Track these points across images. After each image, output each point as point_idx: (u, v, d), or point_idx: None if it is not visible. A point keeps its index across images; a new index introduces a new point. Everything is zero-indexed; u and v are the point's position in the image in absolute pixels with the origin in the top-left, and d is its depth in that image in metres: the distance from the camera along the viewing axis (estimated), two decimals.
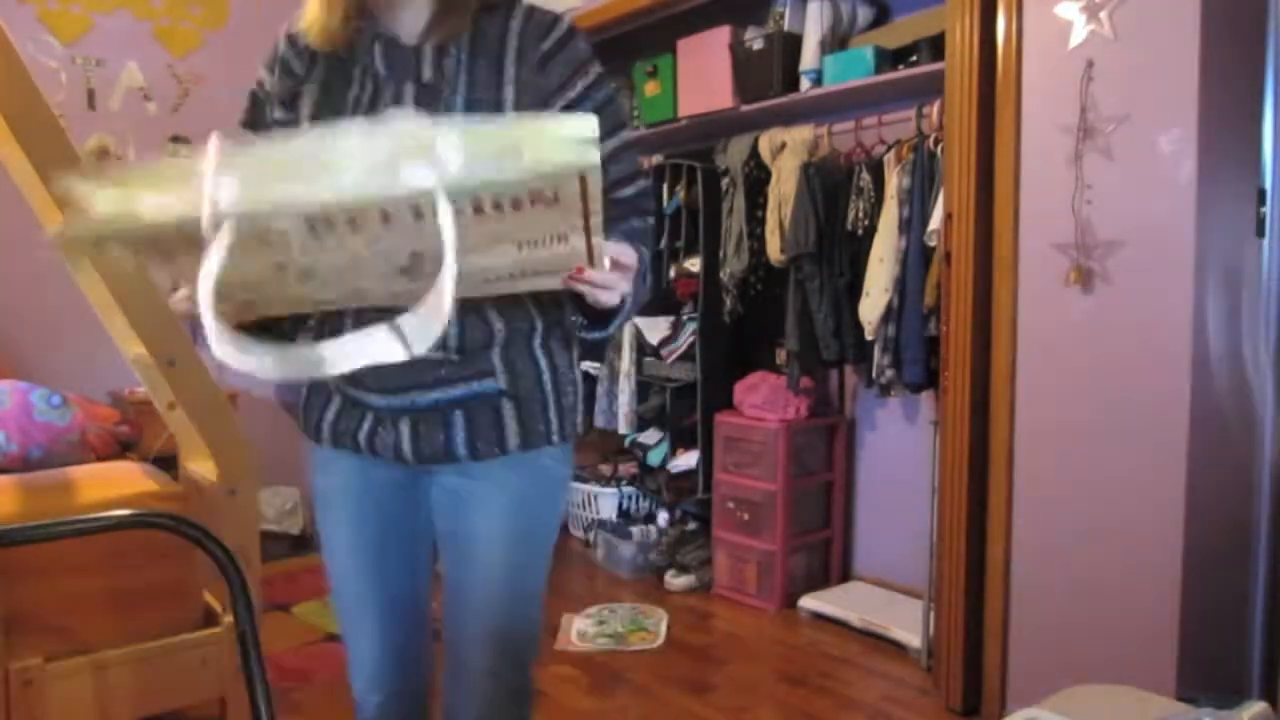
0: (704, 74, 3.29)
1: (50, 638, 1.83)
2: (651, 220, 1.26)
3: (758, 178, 3.15)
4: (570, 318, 1.18)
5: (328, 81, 1.20)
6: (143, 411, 2.96)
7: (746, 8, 3.30)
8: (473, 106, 1.14)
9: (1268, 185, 2.07)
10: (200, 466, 2.11)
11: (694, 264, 3.33)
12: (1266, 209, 2.07)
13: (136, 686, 1.90)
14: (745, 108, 3.19)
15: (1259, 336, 2.09)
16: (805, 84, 3.02)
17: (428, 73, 1.16)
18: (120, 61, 3.61)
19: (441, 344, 1.12)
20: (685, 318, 3.43)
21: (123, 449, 2.49)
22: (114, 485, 2.00)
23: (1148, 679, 1.80)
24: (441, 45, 1.16)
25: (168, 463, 2.34)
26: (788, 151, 3.03)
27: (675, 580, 3.37)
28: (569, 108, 1.16)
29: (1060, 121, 2.12)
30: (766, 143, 3.12)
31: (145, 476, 2.08)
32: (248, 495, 2.06)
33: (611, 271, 1.00)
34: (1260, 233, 2.07)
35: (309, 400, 1.28)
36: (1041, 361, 2.21)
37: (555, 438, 1.23)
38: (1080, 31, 2.07)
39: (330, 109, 1.18)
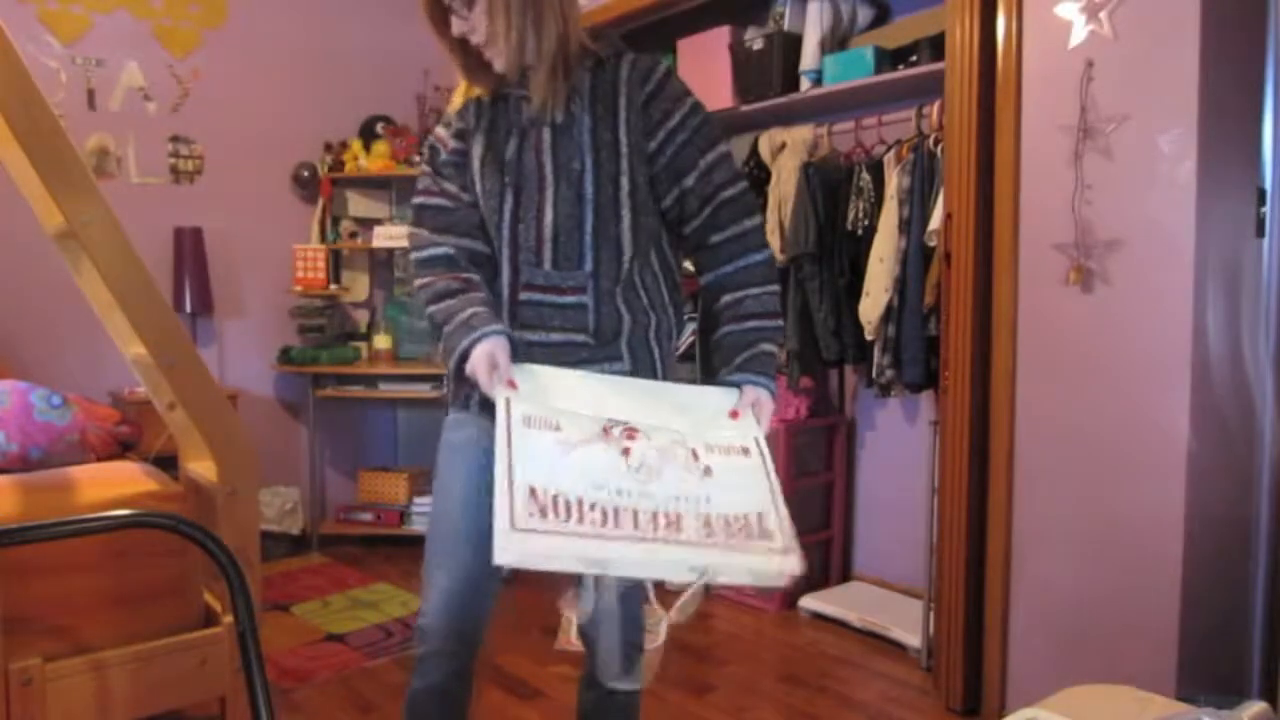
0: (704, 74, 3.29)
1: (50, 638, 1.83)
2: (759, 218, 1.53)
3: (758, 178, 3.15)
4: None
5: (490, 129, 1.51)
6: (143, 411, 2.96)
7: (746, 8, 3.30)
8: (596, 137, 1.45)
9: (1268, 185, 2.07)
10: (200, 466, 2.11)
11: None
12: (1266, 209, 2.07)
13: (136, 686, 1.90)
14: (745, 108, 3.19)
15: (1259, 336, 2.09)
16: (805, 84, 3.02)
17: (559, 117, 1.46)
18: (120, 61, 3.61)
19: (584, 331, 1.46)
20: (685, 318, 3.42)
21: (123, 449, 2.49)
22: (114, 485, 2.00)
23: (1148, 679, 1.80)
24: (565, 99, 1.46)
25: (168, 463, 2.34)
26: (788, 151, 3.03)
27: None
28: (671, 134, 1.47)
29: (1060, 121, 2.12)
30: (766, 143, 3.12)
31: (145, 476, 2.08)
32: (248, 495, 2.06)
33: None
34: (1260, 233, 2.07)
35: (458, 382, 1.50)
36: (1041, 361, 2.21)
37: None
38: (1080, 31, 2.07)
39: (494, 156, 1.50)
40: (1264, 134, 2.06)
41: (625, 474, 1.24)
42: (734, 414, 1.41)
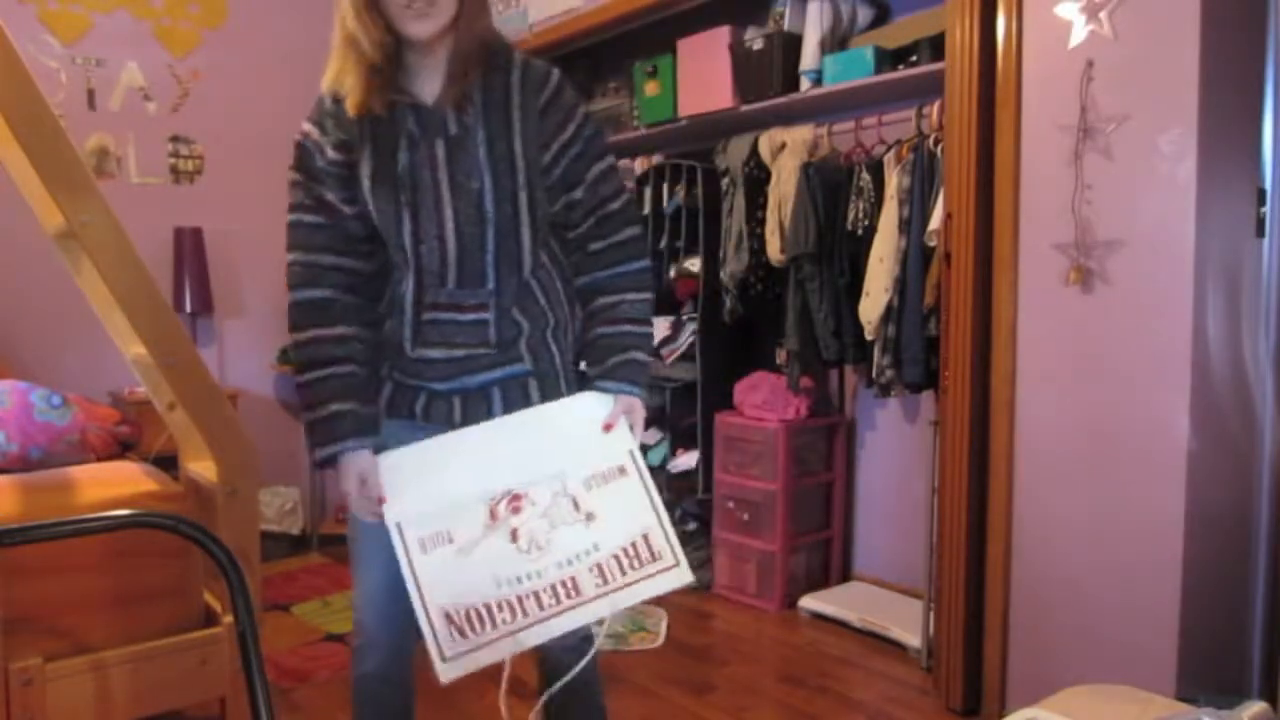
0: (704, 74, 3.29)
1: (50, 638, 1.83)
2: (639, 228, 1.56)
3: (758, 178, 3.15)
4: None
5: (376, 143, 1.43)
6: (143, 411, 2.96)
7: (746, 8, 3.30)
8: (492, 152, 1.42)
9: (1268, 185, 2.07)
10: (200, 466, 2.11)
11: (694, 264, 3.33)
12: (1266, 209, 2.07)
13: (136, 686, 1.90)
14: (745, 108, 3.19)
15: (1259, 336, 2.09)
16: (805, 84, 3.02)
17: (454, 128, 1.42)
18: (120, 61, 3.61)
19: (486, 344, 1.48)
20: (685, 318, 3.43)
21: (123, 449, 2.49)
22: (114, 485, 2.00)
23: (1148, 679, 1.80)
24: (459, 104, 1.41)
25: (168, 463, 2.34)
26: (788, 151, 3.03)
27: None
28: (565, 147, 1.47)
29: (1060, 121, 2.12)
30: (766, 143, 3.12)
31: (145, 476, 2.08)
32: (248, 495, 2.06)
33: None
34: (1260, 233, 2.07)
35: (403, 396, 1.54)
36: (1041, 361, 2.21)
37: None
38: (1080, 31, 2.07)
39: (384, 172, 1.42)
40: (1264, 134, 2.06)
41: (519, 559, 1.39)
42: (607, 426, 1.48)
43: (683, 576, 1.37)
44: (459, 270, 1.45)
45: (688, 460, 3.42)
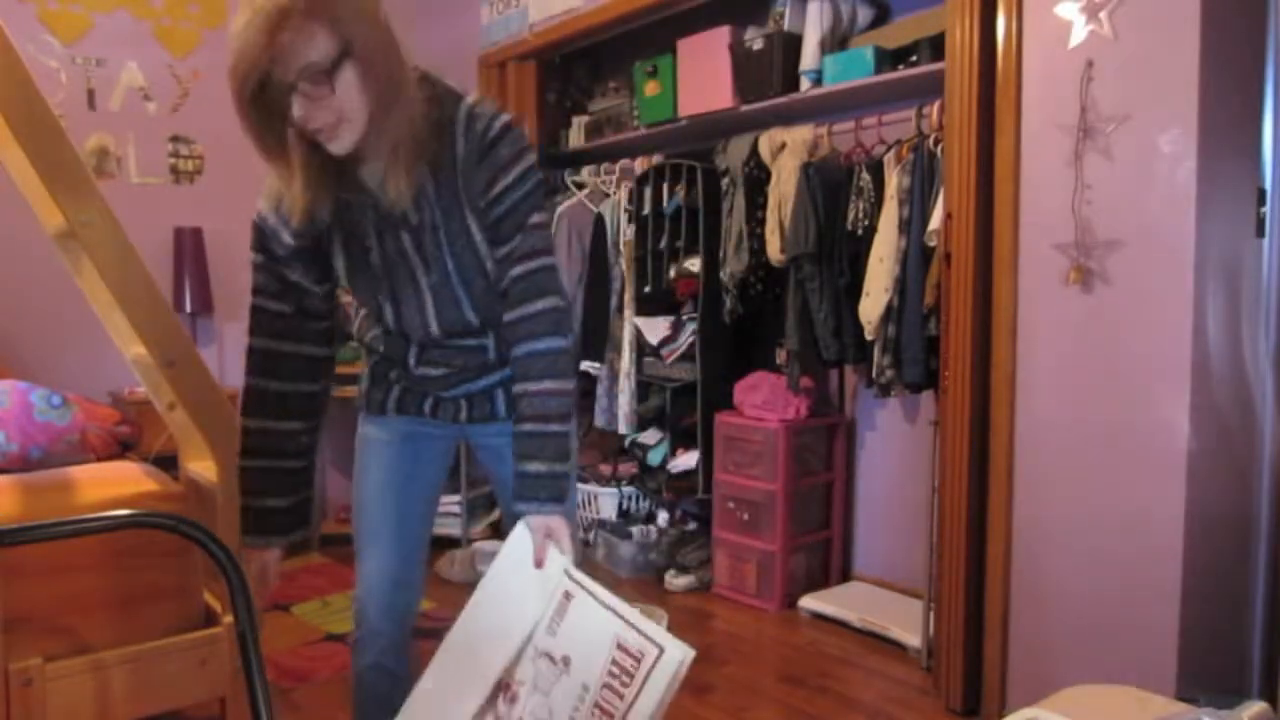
0: (704, 74, 3.29)
1: (50, 638, 1.83)
2: (556, 300, 1.41)
3: (758, 178, 3.15)
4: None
5: (344, 234, 1.42)
6: (143, 411, 2.96)
7: (746, 8, 3.30)
8: (452, 238, 1.40)
9: (1268, 185, 2.07)
10: (200, 466, 2.11)
11: (694, 264, 3.33)
12: (1266, 209, 2.07)
13: (136, 686, 1.90)
14: (745, 108, 3.19)
15: (1259, 336, 2.09)
16: (805, 84, 3.02)
17: (413, 218, 1.38)
18: (120, 61, 3.61)
19: (483, 361, 1.51)
20: (685, 318, 3.43)
21: (123, 449, 2.49)
22: (114, 485, 2.00)
23: (1148, 679, 1.80)
24: (413, 197, 1.35)
25: (168, 463, 2.34)
26: (788, 151, 3.03)
27: (675, 580, 3.37)
28: (495, 201, 1.37)
29: (1060, 121, 2.12)
30: (766, 143, 3.12)
31: (145, 476, 2.08)
32: None
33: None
34: (1260, 233, 2.07)
35: (371, 389, 1.60)
36: (1041, 362, 2.21)
37: None
38: (1080, 31, 2.07)
39: (359, 265, 1.43)
40: (1264, 134, 2.06)
41: None
42: (538, 563, 1.40)
43: (674, 657, 1.21)
44: (442, 328, 1.48)
45: (688, 460, 3.42)
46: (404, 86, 1.29)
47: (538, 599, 1.38)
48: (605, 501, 3.76)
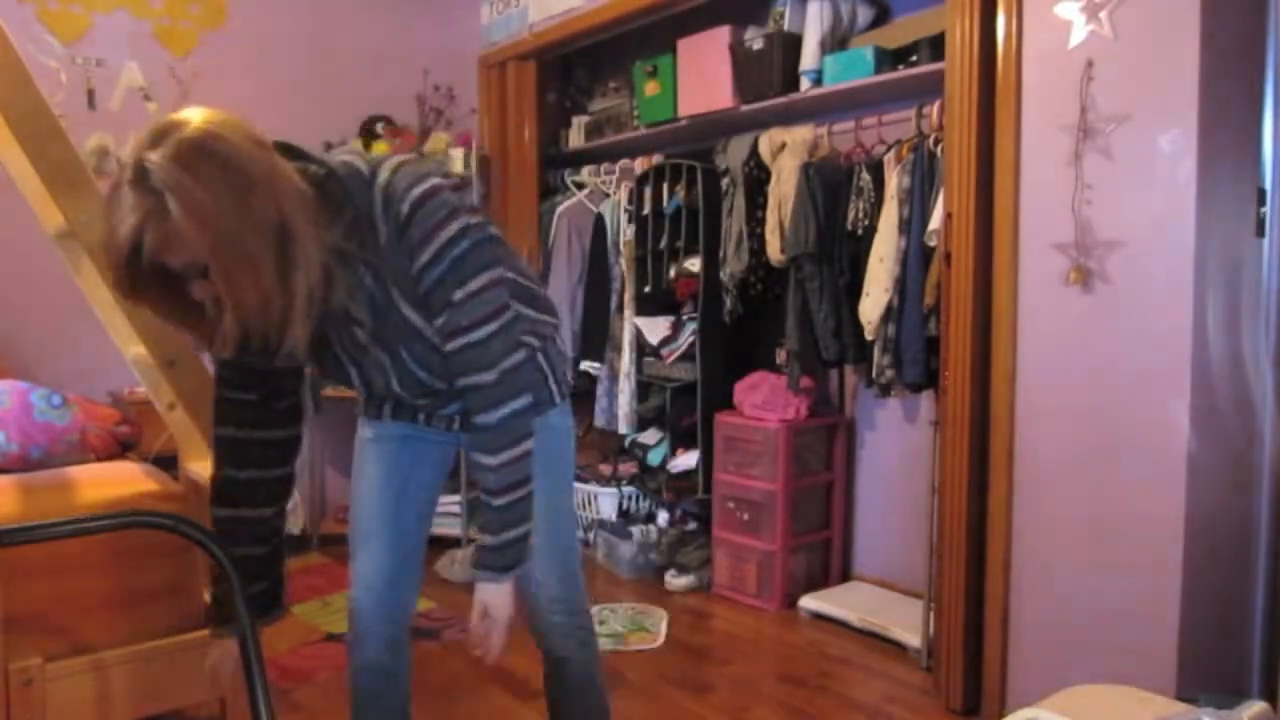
0: (704, 74, 3.29)
1: (50, 638, 1.82)
2: (492, 374, 1.37)
3: (758, 178, 3.15)
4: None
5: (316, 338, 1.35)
6: (143, 411, 2.95)
7: (746, 8, 3.30)
8: (394, 328, 1.37)
9: (1268, 185, 2.07)
10: (200, 466, 2.11)
11: (694, 264, 3.33)
12: (1266, 209, 2.07)
13: (136, 686, 1.90)
14: (745, 108, 3.19)
15: (1259, 336, 2.09)
16: (805, 84, 3.02)
17: (359, 314, 1.36)
18: (120, 61, 3.61)
19: (439, 405, 1.54)
20: (685, 318, 3.43)
21: (123, 449, 2.49)
22: (114, 485, 2.00)
23: (1148, 679, 1.80)
24: (350, 295, 1.33)
25: (168, 463, 2.33)
26: (788, 151, 3.03)
27: (675, 580, 3.37)
28: (424, 269, 1.31)
29: (1060, 121, 2.12)
30: (766, 143, 3.12)
31: (145, 476, 2.08)
32: None
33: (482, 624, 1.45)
34: (1260, 233, 2.07)
35: (367, 401, 1.60)
36: (1041, 361, 2.21)
37: (556, 400, 1.61)
38: (1080, 31, 2.07)
39: (323, 354, 1.45)
40: (1264, 134, 2.06)
41: None
42: (472, 647, 1.47)
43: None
44: (415, 394, 1.49)
45: (688, 460, 3.42)
46: (297, 257, 1.19)
47: None
48: (605, 501, 3.76)
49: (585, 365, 3.72)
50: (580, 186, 3.93)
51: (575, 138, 4.09)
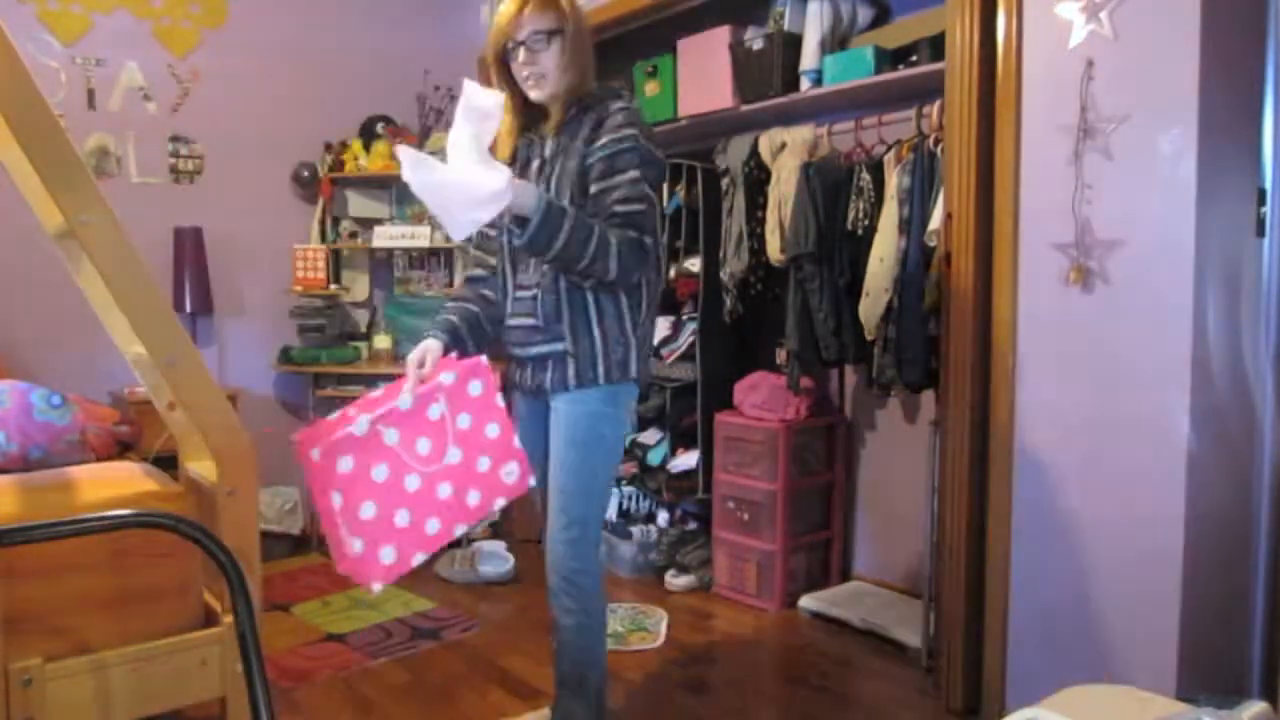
0: (704, 74, 3.29)
1: (50, 638, 1.82)
2: (635, 234, 1.88)
3: (758, 178, 3.15)
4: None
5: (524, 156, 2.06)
6: (143, 411, 2.96)
7: (746, 8, 3.30)
8: (563, 172, 1.93)
9: (1268, 185, 2.07)
10: (200, 466, 2.11)
11: (694, 264, 3.33)
12: (1266, 209, 2.07)
13: (136, 686, 1.89)
14: (745, 108, 3.19)
15: (1259, 336, 2.09)
16: (805, 84, 3.02)
17: (548, 151, 1.99)
18: (120, 61, 3.62)
19: (532, 316, 1.98)
20: (685, 318, 3.43)
21: (123, 449, 2.49)
22: (114, 485, 2.00)
23: (1148, 679, 1.80)
24: (554, 137, 1.98)
25: (168, 463, 2.34)
26: (788, 151, 3.03)
27: (675, 580, 3.37)
28: (589, 155, 1.91)
29: (1060, 121, 2.12)
30: (766, 143, 3.12)
31: (145, 476, 2.08)
32: (248, 495, 2.05)
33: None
34: (1260, 233, 2.07)
35: (510, 367, 2.11)
36: (1041, 362, 2.21)
37: (601, 380, 1.95)
38: (1080, 31, 2.07)
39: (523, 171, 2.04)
40: (1264, 134, 2.06)
41: None
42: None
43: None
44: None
45: (688, 460, 3.42)
46: (586, 72, 1.93)
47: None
48: None
49: None
50: None
51: None
